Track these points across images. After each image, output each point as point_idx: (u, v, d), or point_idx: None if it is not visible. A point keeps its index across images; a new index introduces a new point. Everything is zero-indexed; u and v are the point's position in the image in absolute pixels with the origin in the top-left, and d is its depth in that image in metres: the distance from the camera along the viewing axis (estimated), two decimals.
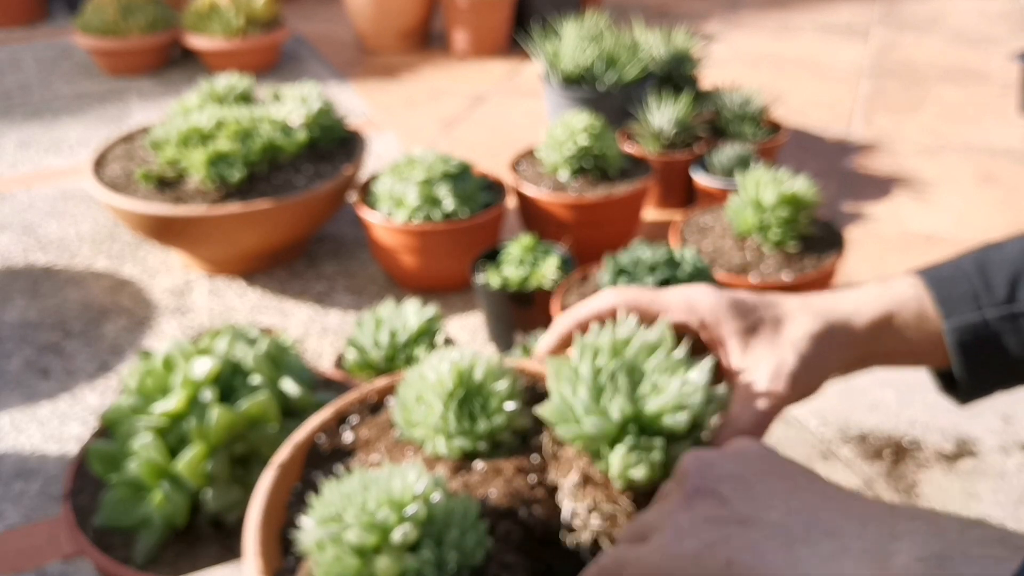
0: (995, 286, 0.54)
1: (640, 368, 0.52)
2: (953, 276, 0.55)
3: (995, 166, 2.25)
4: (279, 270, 1.80)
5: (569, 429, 0.51)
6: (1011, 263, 0.55)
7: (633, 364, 0.52)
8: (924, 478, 0.78)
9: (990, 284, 0.54)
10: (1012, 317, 0.54)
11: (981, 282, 0.54)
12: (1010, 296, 0.54)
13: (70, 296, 1.72)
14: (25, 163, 2.33)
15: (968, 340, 0.54)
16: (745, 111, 2.04)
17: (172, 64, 3.10)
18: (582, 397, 0.51)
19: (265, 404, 0.89)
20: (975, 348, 0.54)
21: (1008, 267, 0.55)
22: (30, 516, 1.19)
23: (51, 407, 1.41)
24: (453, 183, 1.61)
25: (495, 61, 3.16)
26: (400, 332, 1.22)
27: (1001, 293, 0.54)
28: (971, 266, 0.55)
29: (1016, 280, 0.54)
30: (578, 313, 0.59)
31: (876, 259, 1.81)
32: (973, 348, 0.54)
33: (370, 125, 2.56)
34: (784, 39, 3.41)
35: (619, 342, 0.53)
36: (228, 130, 1.64)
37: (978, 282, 0.54)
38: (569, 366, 0.53)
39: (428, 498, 0.49)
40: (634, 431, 0.51)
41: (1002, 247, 0.56)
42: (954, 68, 3.01)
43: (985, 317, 0.54)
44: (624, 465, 0.50)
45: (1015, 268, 0.54)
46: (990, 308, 0.54)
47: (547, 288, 1.42)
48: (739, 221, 1.49)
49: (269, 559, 0.52)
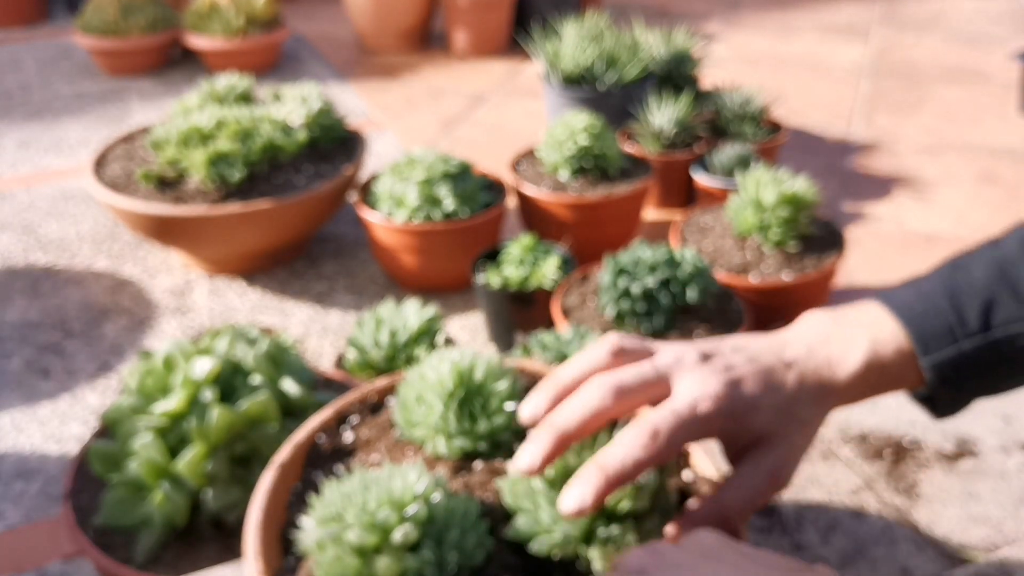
0: (968, 317, 0.55)
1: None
2: (925, 311, 0.56)
3: (995, 166, 2.25)
4: (279, 270, 1.80)
5: (541, 541, 0.51)
6: (981, 290, 0.56)
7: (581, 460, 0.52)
8: (924, 478, 0.78)
9: (963, 316, 0.55)
10: (989, 345, 0.55)
11: (954, 315, 0.55)
12: (984, 324, 0.55)
13: (70, 296, 1.72)
14: (25, 163, 2.33)
15: (948, 374, 0.55)
16: (745, 111, 2.04)
17: (172, 64, 3.10)
18: (545, 508, 0.51)
19: (265, 404, 0.89)
20: (954, 377, 0.55)
21: (979, 295, 0.55)
22: (30, 516, 1.19)
23: (51, 407, 1.41)
24: (453, 183, 1.61)
25: (495, 61, 3.16)
26: (400, 332, 1.22)
27: (975, 323, 0.55)
28: (942, 298, 0.56)
29: (988, 307, 0.55)
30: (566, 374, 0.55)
31: (876, 259, 1.81)
32: (952, 378, 0.55)
33: (370, 125, 2.56)
34: (784, 39, 3.40)
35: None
36: (228, 130, 1.64)
37: (952, 316, 0.55)
38: (524, 483, 0.53)
39: (429, 498, 0.49)
40: (603, 524, 0.51)
41: (968, 270, 0.57)
42: (954, 68, 3.01)
43: (962, 349, 0.55)
44: (604, 557, 0.50)
45: (986, 295, 0.55)
46: (966, 340, 0.55)
47: (547, 288, 1.42)
48: (739, 221, 1.49)
49: (269, 559, 0.52)
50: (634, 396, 0.53)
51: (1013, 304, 0.55)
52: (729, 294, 1.35)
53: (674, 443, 0.51)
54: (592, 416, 0.51)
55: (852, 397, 0.56)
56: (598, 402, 0.52)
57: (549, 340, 1.14)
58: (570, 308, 1.34)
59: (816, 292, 1.45)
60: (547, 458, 0.50)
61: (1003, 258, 0.57)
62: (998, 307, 0.55)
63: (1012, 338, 0.54)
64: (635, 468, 0.49)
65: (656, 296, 1.24)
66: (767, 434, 0.54)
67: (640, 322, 1.25)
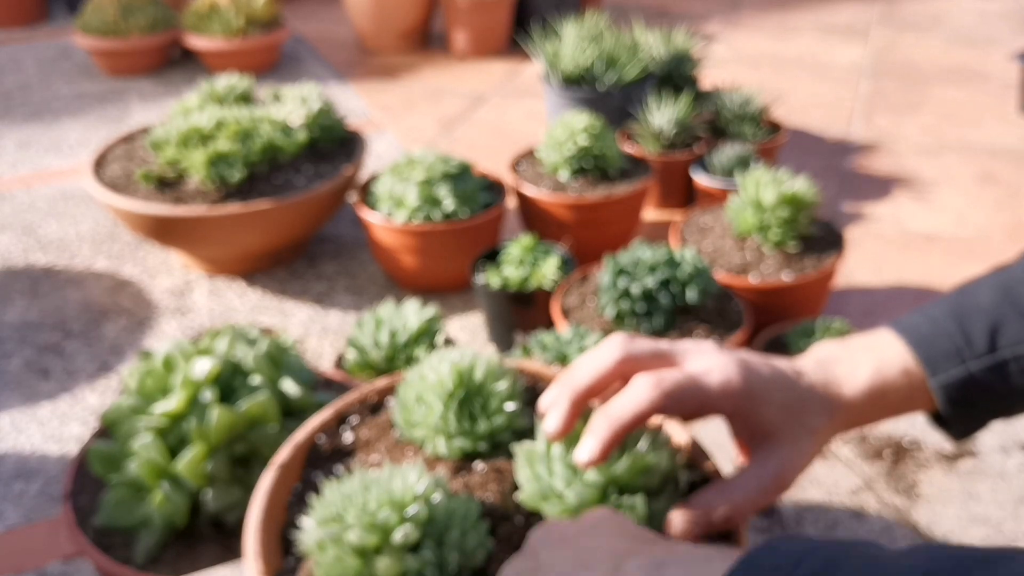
0: (975, 339, 0.56)
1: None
2: (933, 334, 0.57)
3: (995, 166, 2.25)
4: (279, 270, 1.80)
5: (552, 505, 0.52)
6: (987, 312, 0.57)
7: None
8: (924, 478, 0.78)
9: (970, 338, 0.56)
10: (996, 366, 0.56)
11: (961, 337, 0.56)
12: (991, 346, 0.56)
13: (70, 296, 1.72)
14: (25, 163, 2.33)
15: (956, 394, 0.56)
16: (745, 111, 2.04)
17: (172, 64, 3.10)
18: (559, 473, 0.52)
19: (265, 404, 0.89)
20: (964, 398, 0.56)
21: (985, 317, 0.56)
22: (30, 516, 1.19)
23: (51, 407, 1.41)
24: (453, 183, 1.61)
25: (495, 61, 3.16)
26: (400, 332, 1.22)
27: (982, 345, 0.56)
28: (949, 321, 0.57)
29: (995, 329, 0.56)
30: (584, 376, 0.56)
31: (876, 259, 1.81)
32: (962, 399, 0.56)
33: (370, 125, 2.56)
34: (784, 39, 3.41)
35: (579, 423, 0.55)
36: (228, 130, 1.64)
37: (959, 338, 0.56)
38: (538, 452, 0.54)
39: (429, 499, 0.49)
40: (614, 492, 0.52)
41: (975, 295, 0.58)
42: (954, 68, 3.01)
43: (970, 371, 0.56)
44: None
45: (992, 317, 0.56)
46: (973, 361, 0.56)
47: (547, 288, 1.42)
48: (739, 221, 1.49)
49: (269, 559, 0.52)
50: (645, 361, 0.56)
51: (1020, 325, 0.56)
52: (729, 294, 1.35)
53: (677, 398, 0.53)
54: (602, 373, 0.55)
55: (862, 417, 0.57)
56: (608, 362, 0.56)
57: (549, 340, 1.14)
58: (570, 308, 1.34)
59: (816, 292, 1.45)
60: (567, 419, 0.55)
61: (1010, 281, 0.58)
62: (1005, 328, 0.56)
63: (1019, 358, 0.55)
64: (637, 415, 0.52)
65: (656, 296, 1.24)
66: (776, 431, 0.55)
67: (640, 322, 1.25)
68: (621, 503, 0.51)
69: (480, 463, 0.58)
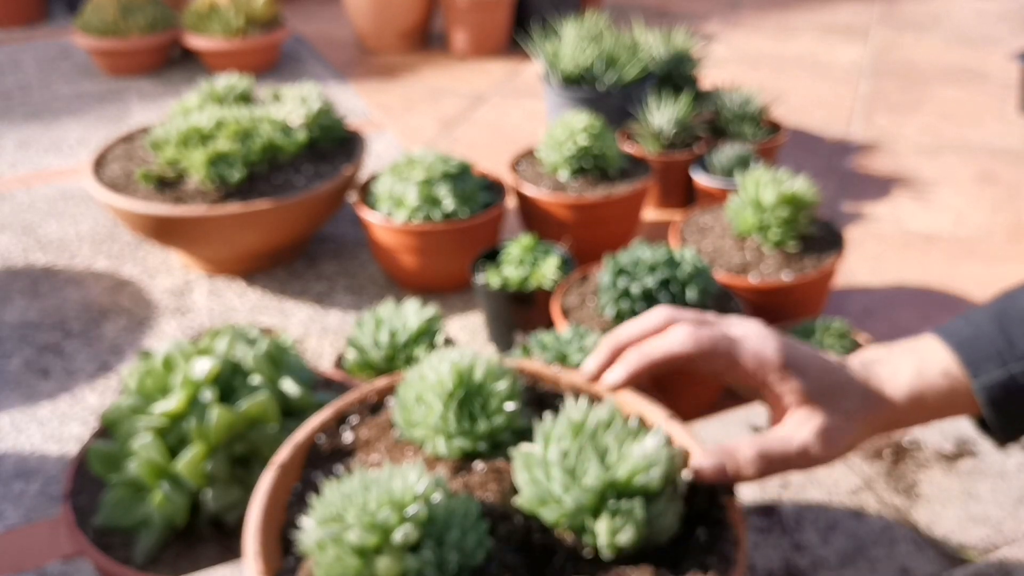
0: (1017, 342, 0.56)
1: (601, 442, 0.54)
2: (975, 336, 0.58)
3: (995, 166, 2.25)
4: (279, 270, 1.80)
5: (551, 510, 0.52)
6: None
7: (594, 440, 0.54)
8: (924, 478, 0.78)
9: (1011, 340, 0.57)
10: None
11: (1003, 340, 0.57)
12: None
13: (70, 296, 1.72)
14: (25, 163, 2.33)
15: (998, 396, 0.57)
16: (745, 111, 2.04)
17: (172, 64, 3.10)
18: (557, 477, 0.52)
19: (265, 404, 0.89)
20: (1006, 401, 0.57)
21: None
22: (30, 516, 1.19)
23: (51, 407, 1.41)
24: (453, 183, 1.61)
25: (495, 61, 3.16)
26: (400, 332, 1.22)
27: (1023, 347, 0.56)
28: (990, 324, 0.58)
29: None
30: (629, 331, 0.60)
31: (875, 259, 1.81)
32: (1004, 401, 0.57)
33: (370, 125, 2.56)
34: (784, 39, 3.41)
35: (575, 424, 0.55)
36: (228, 130, 1.64)
37: (1000, 341, 0.57)
38: (536, 457, 0.54)
39: (429, 498, 0.49)
40: (612, 496, 0.52)
41: (1017, 300, 0.59)
42: (954, 68, 3.01)
43: (1011, 372, 0.56)
44: (611, 531, 0.51)
45: None
46: (1015, 363, 0.56)
47: (547, 288, 1.42)
48: (739, 221, 1.49)
49: (269, 559, 0.52)
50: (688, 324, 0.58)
51: None
52: (728, 294, 1.35)
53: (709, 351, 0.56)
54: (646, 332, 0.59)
55: (904, 418, 0.58)
56: (653, 323, 0.59)
57: (549, 340, 1.14)
58: (570, 308, 1.34)
59: (815, 292, 1.45)
60: (604, 364, 0.59)
61: None
62: None
63: None
64: (667, 355, 0.56)
65: (656, 296, 1.24)
66: (810, 402, 0.56)
67: None
68: (619, 507, 0.51)
69: (480, 463, 0.58)
